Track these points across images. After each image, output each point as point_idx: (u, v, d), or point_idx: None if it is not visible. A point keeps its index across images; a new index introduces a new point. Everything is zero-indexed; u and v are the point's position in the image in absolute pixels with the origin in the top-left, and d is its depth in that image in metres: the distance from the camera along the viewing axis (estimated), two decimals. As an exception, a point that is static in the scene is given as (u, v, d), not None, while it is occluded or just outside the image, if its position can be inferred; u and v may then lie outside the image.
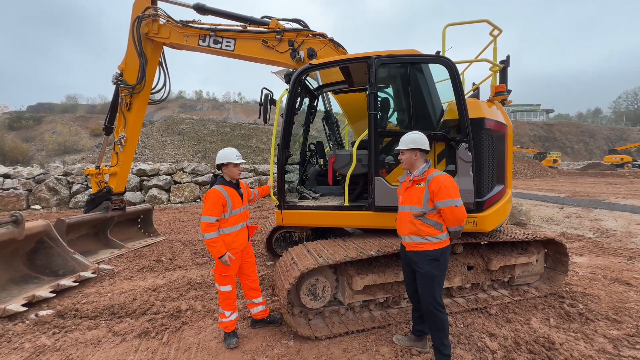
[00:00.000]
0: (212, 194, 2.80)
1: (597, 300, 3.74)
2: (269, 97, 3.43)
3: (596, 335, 2.99)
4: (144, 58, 5.44)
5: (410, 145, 2.52)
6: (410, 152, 2.53)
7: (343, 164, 3.58)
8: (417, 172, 2.52)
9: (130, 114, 5.71)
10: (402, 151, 2.57)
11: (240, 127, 41.99)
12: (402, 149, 2.57)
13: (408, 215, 2.52)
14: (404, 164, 2.59)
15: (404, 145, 2.56)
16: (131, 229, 6.69)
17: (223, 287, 2.93)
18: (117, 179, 5.86)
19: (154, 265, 5.15)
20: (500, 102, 3.67)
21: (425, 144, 2.54)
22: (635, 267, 4.96)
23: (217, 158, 2.95)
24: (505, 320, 3.30)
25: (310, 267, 2.86)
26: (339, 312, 3.33)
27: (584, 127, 60.89)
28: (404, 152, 2.56)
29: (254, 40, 4.98)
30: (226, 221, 2.88)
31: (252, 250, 3.20)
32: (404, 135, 2.61)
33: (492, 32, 3.54)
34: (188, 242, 6.63)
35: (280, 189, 3.65)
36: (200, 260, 5.45)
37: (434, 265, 2.42)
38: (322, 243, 3.50)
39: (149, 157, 30.30)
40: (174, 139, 35.53)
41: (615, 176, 23.59)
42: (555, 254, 4.03)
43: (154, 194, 12.84)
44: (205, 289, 4.20)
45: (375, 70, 3.24)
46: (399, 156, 2.63)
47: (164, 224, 8.71)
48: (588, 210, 10.37)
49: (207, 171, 14.27)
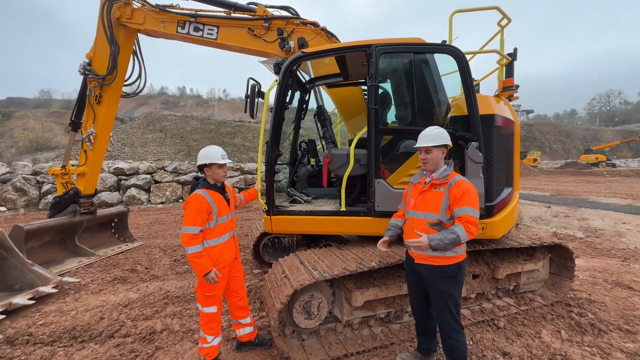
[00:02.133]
0: (194, 200, 2.39)
1: (605, 307, 3.56)
2: (256, 88, 3.04)
3: (612, 350, 2.78)
4: (115, 46, 4.90)
5: (439, 141, 2.17)
6: (437, 149, 2.18)
7: (339, 165, 3.24)
8: (436, 175, 2.19)
9: (100, 107, 5.15)
10: (428, 149, 2.19)
11: (226, 124, 41.00)
12: (427, 146, 2.18)
13: (422, 223, 2.18)
14: (430, 164, 2.20)
15: (431, 141, 2.18)
16: (103, 235, 6.11)
17: (206, 309, 2.52)
18: (85, 179, 5.29)
19: (128, 275, 4.65)
20: (507, 97, 3.42)
21: (449, 140, 2.22)
22: (632, 269, 4.87)
23: (198, 158, 2.53)
24: (515, 334, 3.05)
25: (305, 284, 2.50)
26: (335, 330, 2.98)
27: (561, 128, 63.20)
28: (431, 150, 2.18)
29: (239, 28, 4.54)
30: (211, 231, 2.47)
31: (241, 264, 2.80)
32: (425, 131, 2.25)
33: (500, 21, 3.27)
34: (167, 247, 6.13)
35: (269, 192, 3.27)
36: (180, 268, 4.98)
37: (450, 282, 2.11)
38: (317, 253, 3.14)
39: (129, 155, 29.01)
40: (155, 136, 34.22)
41: (594, 175, 24.37)
42: (560, 259, 3.83)
43: (132, 194, 12.11)
44: (184, 303, 3.76)
45: (376, 60, 2.90)
46: (421, 155, 2.24)
47: (142, 227, 8.11)
48: (574, 209, 10.46)
49: (190, 170, 13.62)
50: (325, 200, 3.92)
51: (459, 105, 3.02)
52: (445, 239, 1.96)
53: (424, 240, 1.99)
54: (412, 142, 3.19)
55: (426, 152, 2.21)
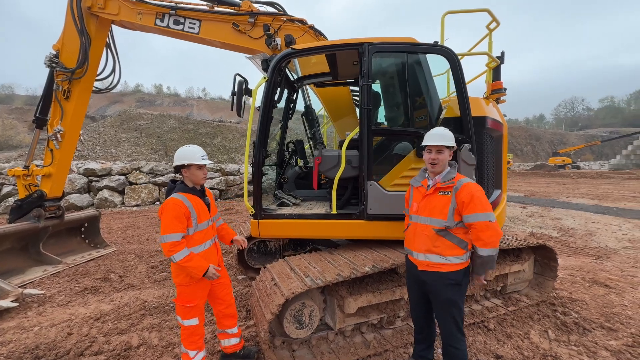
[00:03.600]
0: (171, 205, 2.19)
1: (586, 306, 3.66)
2: (243, 85, 2.87)
3: (598, 348, 2.84)
4: (86, 37, 4.54)
5: (451, 142, 2.08)
6: (449, 150, 2.10)
7: (330, 166, 3.13)
8: (441, 177, 2.09)
9: (68, 103, 4.75)
10: (440, 149, 2.08)
11: (205, 124, 39.91)
12: (440, 145, 2.07)
13: (427, 229, 2.09)
14: (439, 165, 2.09)
15: (445, 140, 2.07)
16: (72, 240, 5.66)
17: (187, 321, 2.32)
18: (52, 181, 4.87)
19: (100, 285, 4.31)
20: (494, 100, 3.45)
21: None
22: (605, 267, 5.10)
23: (175, 158, 2.33)
24: (506, 335, 3.06)
25: (297, 292, 2.36)
26: (327, 338, 2.86)
27: (531, 131, 66.62)
28: (443, 150, 2.08)
29: (223, 22, 4.33)
30: (190, 239, 2.27)
31: (226, 269, 2.61)
32: (436, 130, 2.16)
33: (489, 24, 3.29)
34: (143, 253, 5.77)
35: (256, 195, 3.10)
36: (157, 276, 4.68)
37: (455, 290, 2.04)
38: (307, 258, 3.01)
39: (101, 154, 27.52)
40: (130, 135, 32.74)
41: (562, 176, 25.78)
42: (543, 259, 3.91)
43: (104, 197, 11.44)
44: (163, 314, 3.51)
45: (369, 58, 2.82)
46: (431, 155, 2.10)
47: (116, 231, 7.63)
48: (547, 209, 10.97)
49: (168, 171, 13.06)
50: (314, 203, 3.80)
51: (450, 107, 3.00)
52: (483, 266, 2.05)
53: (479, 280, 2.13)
54: (406, 144, 3.16)
55: (438, 152, 2.09)
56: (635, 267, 5.09)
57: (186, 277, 2.26)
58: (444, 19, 3.08)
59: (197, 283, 2.29)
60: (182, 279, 2.27)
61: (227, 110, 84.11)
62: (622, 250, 6.08)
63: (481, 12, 3.10)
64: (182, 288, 2.28)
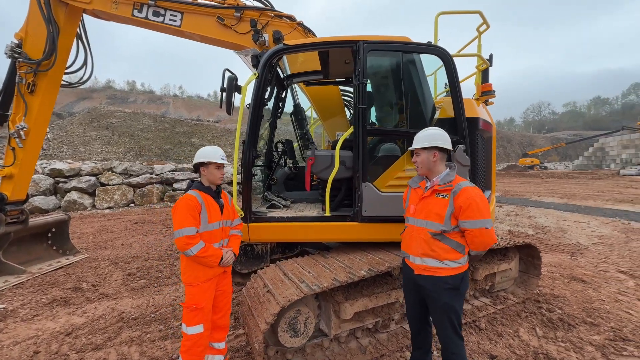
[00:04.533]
0: (185, 200, 2.18)
1: (567, 302, 3.80)
2: (233, 81, 2.72)
3: (583, 344, 2.94)
4: (54, 26, 4.16)
5: (428, 143, 2.05)
6: (427, 151, 2.06)
7: (323, 167, 3.03)
8: (438, 179, 2.05)
9: (34, 98, 4.35)
10: (417, 151, 2.10)
11: (182, 123, 38.65)
12: (416, 148, 2.10)
13: (423, 232, 2.05)
14: (420, 168, 2.09)
15: (420, 142, 2.08)
16: (38, 247, 5.20)
17: (192, 329, 2.20)
18: (14, 182, 4.43)
19: (70, 295, 3.96)
20: (483, 102, 3.49)
21: (446, 142, 2.09)
22: (580, 263, 5.35)
23: (196, 156, 2.32)
24: (497, 334, 3.10)
25: (293, 299, 2.25)
26: (322, 345, 2.77)
27: (503, 134, 69.92)
28: (419, 153, 2.08)
29: (207, 16, 4.12)
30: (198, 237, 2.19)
31: (230, 277, 2.50)
32: (420, 132, 2.15)
33: (479, 27, 3.33)
34: (119, 259, 5.40)
35: (246, 197, 2.95)
36: (135, 284, 4.38)
37: (453, 294, 2.00)
38: (300, 262, 2.90)
39: (68, 154, 25.90)
40: (100, 134, 31.07)
41: (532, 177, 27.18)
42: (527, 258, 4.03)
43: (73, 199, 10.71)
44: (143, 326, 3.26)
45: (363, 57, 2.76)
46: (413, 158, 2.14)
47: (87, 236, 7.13)
48: (522, 208, 11.46)
49: (143, 171, 12.45)
50: (305, 205, 3.69)
51: (444, 108, 3.00)
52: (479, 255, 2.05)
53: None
54: (395, 145, 3.12)
55: (416, 154, 2.13)
56: (606, 262, 5.37)
57: (193, 275, 2.22)
58: (438, 20, 3.08)
59: (204, 283, 2.24)
60: (190, 276, 2.23)
61: (206, 108, 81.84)
62: (593, 247, 6.42)
63: (473, 14, 3.12)
64: (190, 288, 2.24)
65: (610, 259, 5.51)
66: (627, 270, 4.90)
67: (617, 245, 6.36)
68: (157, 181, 12.56)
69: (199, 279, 2.22)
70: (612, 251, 6.00)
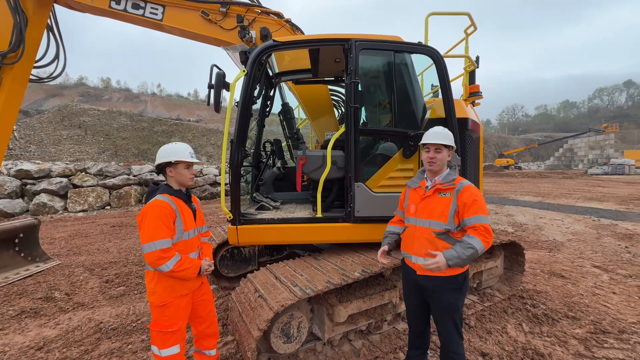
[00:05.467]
0: (157, 208, 1.89)
1: (550, 297, 3.93)
2: (221, 78, 2.60)
3: (567, 337, 3.03)
4: (21, 16, 3.86)
5: (450, 141, 2.03)
6: (447, 149, 2.04)
7: (314, 167, 2.97)
8: (440, 178, 2.04)
9: (-2, 92, 4.01)
10: (438, 147, 2.02)
11: (161, 122, 37.41)
12: (439, 144, 2.01)
13: (426, 232, 2.02)
14: (437, 164, 2.03)
15: (444, 139, 2.02)
16: (3, 255, 4.81)
17: (166, 351, 1.95)
18: (-24, 185, 4.07)
19: (41, 306, 3.69)
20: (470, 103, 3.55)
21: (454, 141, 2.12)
22: (558, 259, 5.57)
23: (159, 155, 2.03)
24: (486, 331, 3.15)
25: (287, 304, 2.17)
26: (315, 350, 2.70)
27: (480, 135, 72.37)
28: (441, 149, 2.02)
29: (191, 10, 3.95)
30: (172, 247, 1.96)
31: (209, 283, 2.32)
32: (435, 128, 2.11)
33: (467, 28, 3.38)
34: (95, 265, 5.11)
35: (234, 198, 2.84)
36: (113, 291, 4.14)
37: (456, 294, 1.99)
38: (292, 265, 2.82)
39: (37, 154, 24.44)
40: (72, 133, 29.53)
41: (509, 176, 28.31)
42: (511, 255, 4.14)
43: (42, 202, 10.08)
44: (124, 336, 3.07)
45: (355, 55, 2.72)
46: (429, 154, 2.04)
47: (59, 242, 6.71)
48: (500, 206, 11.87)
49: (120, 172, 11.91)
50: (295, 206, 3.61)
51: (434, 108, 3.01)
52: (463, 255, 1.83)
53: (441, 261, 1.85)
54: (392, 144, 3.11)
55: (436, 150, 2.04)
56: (582, 257, 5.63)
57: (165, 294, 1.94)
58: (428, 20, 3.10)
59: (179, 300, 1.98)
60: (160, 296, 1.94)
61: (186, 107, 79.64)
62: (568, 243, 6.72)
63: (462, 16, 3.16)
64: (160, 310, 1.93)
65: (585, 255, 5.78)
66: (600, 265, 5.15)
67: (589, 241, 6.69)
68: (135, 182, 12.05)
69: (174, 295, 1.96)
70: (585, 247, 6.30)
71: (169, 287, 1.96)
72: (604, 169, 31.01)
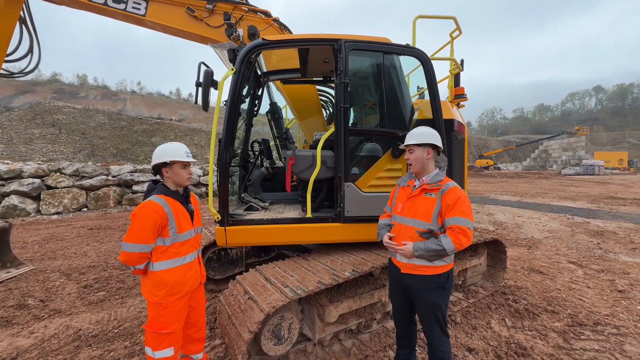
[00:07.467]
0: (148, 211, 1.87)
1: (530, 292, 4.09)
2: (209, 76, 2.54)
3: (547, 331, 3.16)
4: (-10, 6, 3.64)
5: (423, 140, 2.06)
6: (421, 148, 2.06)
7: (304, 167, 2.96)
8: (427, 179, 2.08)
9: (-35, 88, 3.76)
10: (410, 148, 2.09)
11: (141, 121, 36.25)
12: (410, 144, 2.08)
13: (410, 231, 2.05)
14: (413, 165, 2.09)
15: (415, 139, 2.07)
16: (-30, 260, 4.53)
17: (160, 353, 1.92)
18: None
19: (13, 314, 3.48)
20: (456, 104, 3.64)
21: (439, 140, 2.12)
22: (536, 256, 5.80)
23: (155, 155, 1.99)
24: (471, 327, 3.23)
25: (278, 305, 2.15)
26: (305, 350, 2.68)
27: (461, 136, 74.50)
28: (413, 149, 2.07)
29: (176, 6, 3.85)
30: (165, 250, 1.94)
31: (204, 288, 2.28)
32: (413, 130, 2.15)
33: (452, 32, 3.46)
34: (72, 270, 4.87)
35: (222, 199, 2.78)
36: (93, 297, 3.96)
37: (439, 293, 2.02)
38: (281, 266, 2.80)
39: (6, 153, 23.10)
40: (45, 131, 28.13)
41: (489, 176, 29.27)
42: (494, 253, 4.27)
43: (13, 204, 9.55)
44: (105, 343, 2.95)
45: (345, 55, 2.73)
46: (406, 155, 2.13)
47: (32, 246, 6.36)
48: (482, 205, 12.24)
49: (98, 172, 11.44)
50: (283, 207, 3.58)
51: (422, 109, 3.07)
52: (429, 249, 1.92)
53: (407, 249, 2.00)
54: (375, 145, 3.14)
55: (409, 151, 2.12)
56: (558, 254, 5.89)
57: (167, 295, 1.93)
58: (415, 23, 3.16)
59: (178, 302, 1.97)
60: (162, 297, 1.92)
61: (167, 106, 77.49)
62: (545, 240, 7.01)
63: (448, 19, 3.24)
64: (158, 310, 1.92)
65: (560, 251, 6.04)
66: (575, 261, 5.40)
67: (565, 238, 7.01)
68: (114, 183, 11.61)
69: (173, 296, 1.94)
70: (561, 244, 6.59)
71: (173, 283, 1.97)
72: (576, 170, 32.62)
